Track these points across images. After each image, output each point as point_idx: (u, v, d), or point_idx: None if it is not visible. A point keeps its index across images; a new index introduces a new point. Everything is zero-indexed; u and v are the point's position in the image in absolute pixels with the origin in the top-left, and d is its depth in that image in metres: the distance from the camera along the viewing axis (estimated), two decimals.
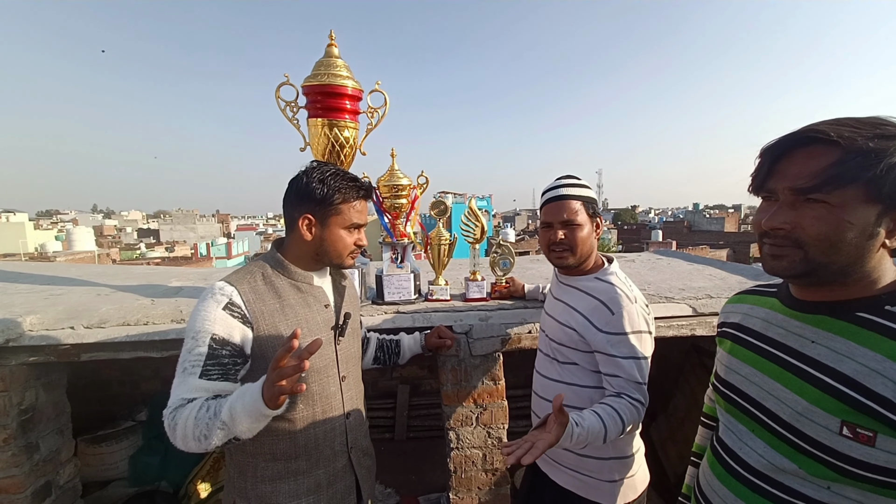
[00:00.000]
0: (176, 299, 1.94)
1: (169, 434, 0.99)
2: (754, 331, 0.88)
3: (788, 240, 0.73)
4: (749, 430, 0.84)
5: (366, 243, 1.24)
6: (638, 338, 1.17)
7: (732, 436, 0.88)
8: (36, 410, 1.70)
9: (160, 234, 50.35)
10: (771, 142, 0.76)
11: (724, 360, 0.94)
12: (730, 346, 0.93)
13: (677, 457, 2.51)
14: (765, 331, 0.86)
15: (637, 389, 1.15)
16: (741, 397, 0.86)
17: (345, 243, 1.18)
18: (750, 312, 0.92)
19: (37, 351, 1.59)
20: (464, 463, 1.81)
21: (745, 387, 0.85)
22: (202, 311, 1.05)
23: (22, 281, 2.38)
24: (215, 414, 0.95)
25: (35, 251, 22.83)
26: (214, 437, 0.95)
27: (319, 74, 1.66)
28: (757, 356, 0.85)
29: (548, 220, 1.29)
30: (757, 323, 0.88)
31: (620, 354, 1.16)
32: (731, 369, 0.90)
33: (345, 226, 1.17)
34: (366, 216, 1.23)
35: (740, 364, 0.88)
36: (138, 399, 2.80)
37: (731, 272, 2.43)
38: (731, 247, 27.06)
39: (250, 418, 0.93)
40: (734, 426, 0.88)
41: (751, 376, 0.85)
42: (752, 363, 0.85)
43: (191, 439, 0.96)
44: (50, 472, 1.75)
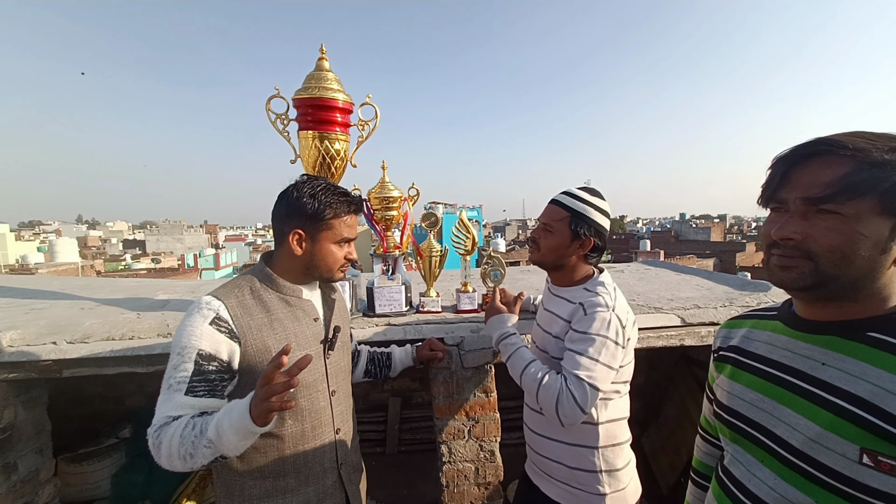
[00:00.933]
0: (163, 313, 1.91)
1: (153, 453, 0.96)
2: (757, 354, 0.84)
3: (798, 250, 0.71)
4: (758, 460, 0.79)
5: (356, 257, 1.24)
6: (601, 342, 1.15)
7: (740, 466, 0.82)
8: (15, 429, 1.64)
9: (146, 244, 49.57)
10: (784, 151, 0.74)
11: (725, 386, 0.88)
12: (731, 370, 0.88)
13: (669, 467, 2.52)
14: (769, 354, 0.81)
15: (576, 383, 1.11)
16: (748, 424, 0.81)
17: (335, 258, 1.18)
18: (750, 336, 0.88)
19: (17, 367, 1.55)
20: (456, 477, 1.79)
21: (752, 413, 0.80)
22: (188, 327, 1.03)
23: (2, 294, 2.32)
24: (201, 432, 0.93)
25: (16, 263, 22.28)
26: (200, 456, 0.93)
27: (310, 87, 1.67)
28: (762, 381, 0.80)
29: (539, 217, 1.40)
30: (760, 346, 0.84)
31: (576, 349, 1.16)
32: (735, 395, 0.85)
33: (335, 240, 1.17)
34: (356, 230, 1.23)
35: (744, 389, 0.83)
36: (122, 415, 2.72)
37: (718, 282, 2.47)
38: (717, 256, 27.50)
39: (238, 436, 0.91)
40: (741, 455, 0.83)
41: (757, 402, 0.80)
42: (757, 388, 0.81)
43: (176, 458, 0.94)
44: (28, 493, 1.69)
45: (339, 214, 1.16)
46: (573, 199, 1.30)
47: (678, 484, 2.42)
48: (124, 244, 54.64)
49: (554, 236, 1.29)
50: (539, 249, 1.34)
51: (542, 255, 1.35)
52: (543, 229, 1.34)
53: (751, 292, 2.17)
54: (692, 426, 2.40)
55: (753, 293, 2.14)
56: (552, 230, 1.30)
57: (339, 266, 1.20)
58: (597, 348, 1.15)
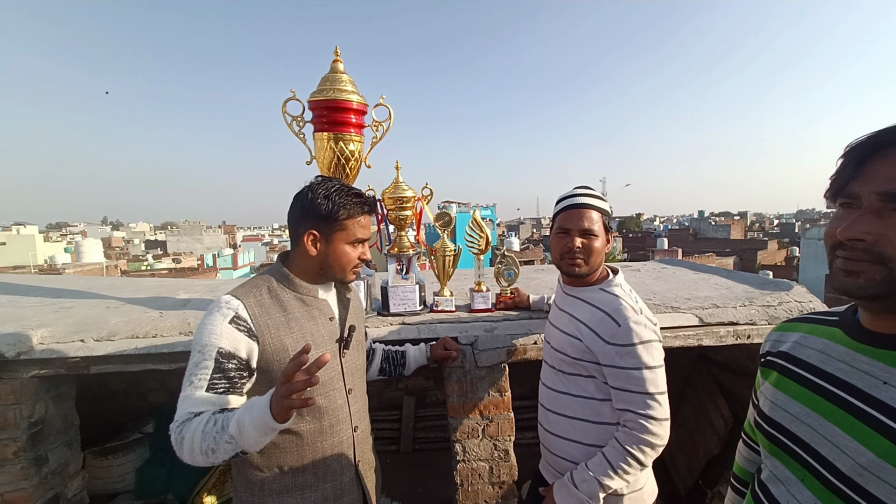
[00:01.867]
0: (184, 311, 1.96)
1: (175, 448, 0.99)
2: (808, 363, 0.76)
3: (869, 253, 0.63)
4: (798, 479, 0.72)
5: (369, 257, 1.26)
6: (646, 347, 1.16)
7: (778, 484, 0.76)
8: (45, 423, 1.71)
9: (167, 245, 50.82)
10: (859, 139, 0.66)
11: (768, 395, 0.82)
12: (776, 378, 0.82)
13: (686, 469, 2.48)
14: (822, 364, 0.74)
15: (647, 402, 1.15)
16: (789, 439, 0.74)
17: (349, 258, 1.20)
18: (803, 342, 0.81)
19: (47, 364, 1.61)
20: (470, 476, 1.80)
21: (795, 427, 0.74)
22: (208, 325, 1.06)
23: (32, 294, 2.41)
24: (223, 427, 0.95)
25: (44, 263, 23.11)
26: (221, 451, 0.95)
27: (325, 90, 1.69)
28: (811, 393, 0.73)
29: (566, 226, 1.28)
30: (812, 354, 0.77)
31: (630, 366, 1.16)
32: (778, 405, 0.78)
33: (349, 241, 1.18)
34: (370, 231, 1.25)
35: (789, 401, 0.77)
36: (145, 411, 2.80)
37: (738, 281, 2.42)
38: (737, 254, 26.88)
39: (258, 432, 0.93)
40: (780, 472, 0.77)
41: (802, 416, 0.73)
42: (804, 401, 0.74)
43: (198, 453, 0.96)
44: (58, 484, 1.76)
45: (352, 215, 1.17)
46: (596, 198, 1.30)
47: (696, 486, 2.38)
48: (146, 244, 56.14)
49: (598, 239, 1.27)
50: (589, 258, 1.26)
51: (592, 264, 1.27)
52: (587, 235, 1.26)
53: (772, 291, 2.12)
54: (710, 428, 2.36)
55: (775, 292, 2.09)
56: (596, 233, 1.26)
57: (353, 266, 1.22)
58: (650, 356, 1.17)
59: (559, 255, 1.31)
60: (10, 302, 2.20)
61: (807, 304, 1.96)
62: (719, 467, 2.27)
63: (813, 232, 25.10)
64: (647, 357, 1.16)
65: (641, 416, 1.14)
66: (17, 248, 27.05)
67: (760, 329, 1.85)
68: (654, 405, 1.15)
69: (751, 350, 2.17)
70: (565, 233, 1.28)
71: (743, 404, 2.30)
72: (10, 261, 24.45)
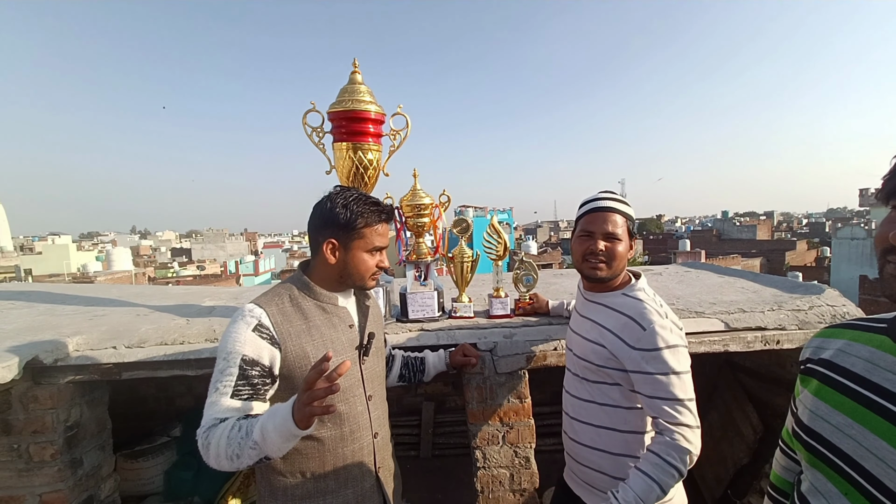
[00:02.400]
0: (209, 319, 2.02)
1: (202, 453, 1.02)
2: (853, 372, 0.73)
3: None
4: (841, 493, 0.70)
5: (388, 265, 1.27)
6: (673, 352, 1.14)
7: (820, 498, 0.74)
8: (80, 427, 1.78)
9: (192, 252, 52.28)
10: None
11: (808, 404, 0.79)
12: (816, 386, 0.79)
13: (714, 479, 2.40)
14: (868, 374, 0.71)
15: (678, 408, 1.12)
16: (831, 451, 0.72)
17: (367, 266, 1.21)
18: (847, 349, 0.77)
19: (82, 370, 1.68)
20: (491, 483, 1.79)
21: (837, 439, 0.71)
22: (233, 333, 1.09)
23: (68, 302, 2.52)
24: (247, 434, 0.97)
25: (77, 271, 24.07)
26: (246, 457, 0.97)
27: (344, 101, 1.72)
28: (855, 404, 0.70)
29: (589, 229, 1.28)
30: (857, 363, 0.74)
31: (657, 371, 1.14)
32: (818, 415, 0.76)
33: (367, 249, 1.20)
34: (387, 239, 1.26)
35: (830, 411, 0.74)
36: (173, 415, 2.88)
37: (765, 284, 2.35)
38: (764, 255, 26.04)
39: (281, 438, 0.95)
40: (822, 485, 0.74)
41: (845, 427, 0.71)
42: (847, 411, 0.71)
43: (223, 458, 0.99)
44: (92, 486, 1.82)
45: (370, 224, 1.19)
46: (621, 202, 1.29)
47: (724, 496, 2.31)
48: (172, 252, 57.89)
49: (622, 243, 1.26)
50: (611, 262, 1.25)
51: (615, 268, 1.26)
52: (611, 238, 1.25)
53: (802, 295, 2.05)
54: (738, 436, 2.29)
55: (805, 296, 2.02)
56: (620, 237, 1.26)
57: (371, 274, 1.23)
58: (677, 361, 1.14)
59: (581, 257, 1.30)
60: (48, 310, 2.31)
61: (840, 307, 1.89)
62: (749, 477, 2.20)
63: (845, 231, 24.09)
64: (673, 362, 1.14)
65: (675, 425, 1.12)
66: (52, 257, 28.28)
67: (790, 334, 1.79)
68: (686, 412, 1.12)
69: (780, 356, 2.10)
70: (588, 235, 1.28)
71: (773, 412, 2.22)
72: (47, 269, 25.56)
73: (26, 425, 1.65)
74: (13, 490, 1.67)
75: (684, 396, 1.13)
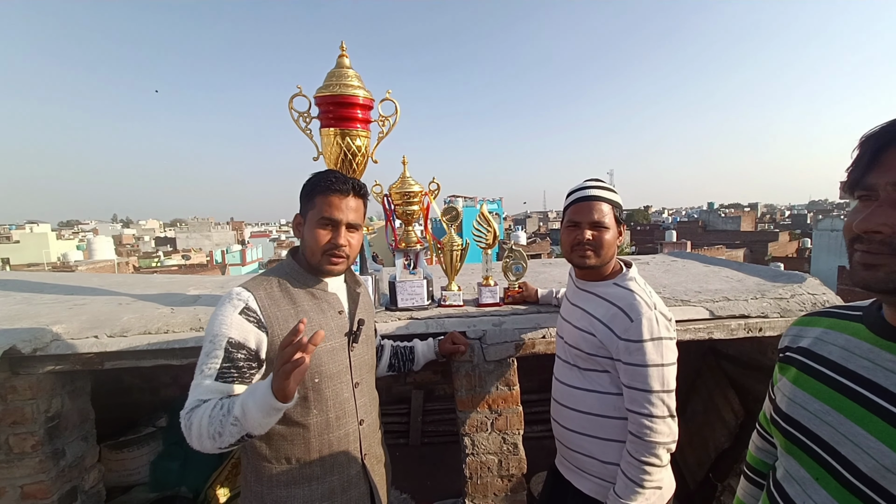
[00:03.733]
0: (195, 308, 1.98)
1: (185, 434, 1.01)
2: (829, 360, 0.75)
3: (887, 246, 0.62)
4: (813, 479, 0.71)
5: (344, 244, 1.17)
6: (656, 344, 1.15)
7: (793, 484, 0.75)
8: (62, 417, 1.74)
9: (177, 241, 51.34)
10: (874, 129, 0.64)
11: (786, 391, 0.80)
12: (795, 374, 0.80)
13: (696, 463, 2.47)
14: (844, 361, 0.72)
15: (649, 399, 1.14)
16: (808, 437, 0.73)
17: (316, 240, 1.16)
18: (824, 337, 0.78)
19: (62, 360, 1.64)
20: (479, 469, 1.81)
21: (814, 426, 0.72)
22: (219, 316, 1.08)
23: (46, 291, 2.45)
24: (228, 411, 0.97)
25: (57, 261, 23.48)
26: (227, 434, 0.97)
27: (331, 85, 1.68)
28: (832, 391, 0.71)
29: (576, 219, 1.27)
30: (834, 351, 0.75)
31: (636, 362, 1.15)
32: (796, 403, 0.77)
33: (318, 219, 1.16)
34: (344, 213, 1.17)
35: (808, 398, 0.75)
36: (158, 405, 2.85)
37: (749, 273, 2.39)
38: (747, 246, 26.57)
39: (261, 412, 0.95)
40: (796, 472, 0.75)
41: (822, 414, 0.72)
42: (824, 398, 0.72)
43: (206, 438, 0.98)
44: (76, 477, 1.79)
45: (323, 192, 1.16)
46: (607, 190, 1.29)
47: (706, 479, 2.37)
48: (156, 241, 56.77)
49: (609, 231, 1.26)
50: (599, 250, 1.25)
51: (604, 256, 1.26)
52: (597, 227, 1.25)
53: (784, 284, 2.09)
54: (720, 421, 2.35)
55: (787, 284, 2.06)
56: (607, 225, 1.25)
57: (324, 251, 1.16)
58: (659, 353, 1.15)
59: (569, 247, 1.30)
60: (25, 299, 2.24)
61: (820, 296, 1.93)
62: (730, 460, 2.26)
63: (825, 223, 24.65)
64: (654, 354, 1.15)
65: (642, 416, 1.14)
66: (30, 246, 27.51)
67: (772, 322, 1.83)
68: (656, 402, 1.14)
69: (762, 343, 2.15)
70: (575, 226, 1.28)
71: (754, 398, 2.28)
72: (25, 258, 24.89)
73: (4, 416, 1.61)
74: None
75: (659, 388, 1.14)
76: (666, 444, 1.15)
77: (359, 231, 1.23)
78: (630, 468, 1.16)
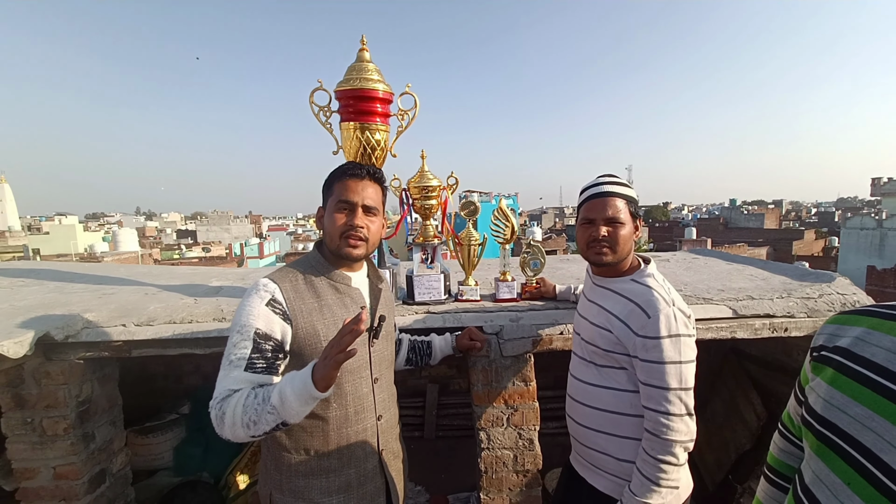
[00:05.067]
0: (217, 298, 2.03)
1: (216, 424, 1.02)
2: (873, 362, 0.71)
3: None
4: (844, 483, 0.69)
5: (361, 225, 1.17)
6: (674, 341, 1.13)
7: (824, 490, 0.73)
8: (92, 402, 1.81)
9: (197, 234, 52.50)
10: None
11: (822, 393, 0.77)
12: (832, 375, 0.77)
13: (715, 464, 2.43)
14: (891, 365, 0.69)
15: (666, 397, 1.12)
16: (847, 442, 0.70)
17: (335, 223, 1.17)
18: (867, 338, 0.75)
19: (92, 347, 1.70)
20: (494, 463, 1.81)
21: (855, 431, 0.70)
22: (247, 307, 1.10)
23: (77, 280, 2.54)
24: (265, 399, 0.99)
25: (84, 252, 24.30)
26: (263, 423, 0.98)
27: (351, 79, 1.69)
28: (876, 395, 0.69)
29: (590, 216, 1.26)
30: (878, 353, 0.71)
31: (654, 359, 1.14)
32: (834, 406, 0.74)
33: (336, 203, 1.18)
34: (360, 196, 1.17)
35: (848, 402, 0.72)
36: (181, 393, 2.93)
37: (775, 272, 2.33)
38: (771, 244, 25.83)
39: (299, 401, 0.97)
40: (827, 477, 0.73)
41: (864, 419, 0.69)
42: (867, 403, 0.69)
43: (239, 427, 1.00)
44: (104, 460, 1.86)
45: (340, 178, 1.19)
46: (621, 185, 1.27)
47: (725, 481, 2.33)
48: (177, 234, 58.15)
49: (624, 226, 1.24)
50: (615, 246, 1.24)
51: (620, 252, 1.25)
52: (612, 223, 1.24)
53: (812, 283, 2.02)
54: (741, 423, 2.30)
55: (815, 284, 2.00)
56: (622, 221, 1.24)
57: (341, 232, 1.16)
58: (677, 351, 1.13)
59: (585, 244, 1.29)
60: (57, 288, 2.33)
61: (850, 296, 1.87)
62: (751, 462, 2.22)
63: (854, 221, 23.73)
64: (672, 351, 1.13)
65: (659, 414, 1.13)
66: (59, 237, 28.51)
67: (799, 322, 1.78)
68: (674, 400, 1.12)
69: (787, 344, 2.09)
70: (590, 223, 1.27)
71: (777, 399, 2.22)
72: (54, 249, 25.80)
73: (39, 400, 1.68)
74: (27, 462, 1.71)
75: (677, 386, 1.12)
76: (683, 443, 1.13)
77: (378, 216, 1.23)
78: (646, 466, 1.15)
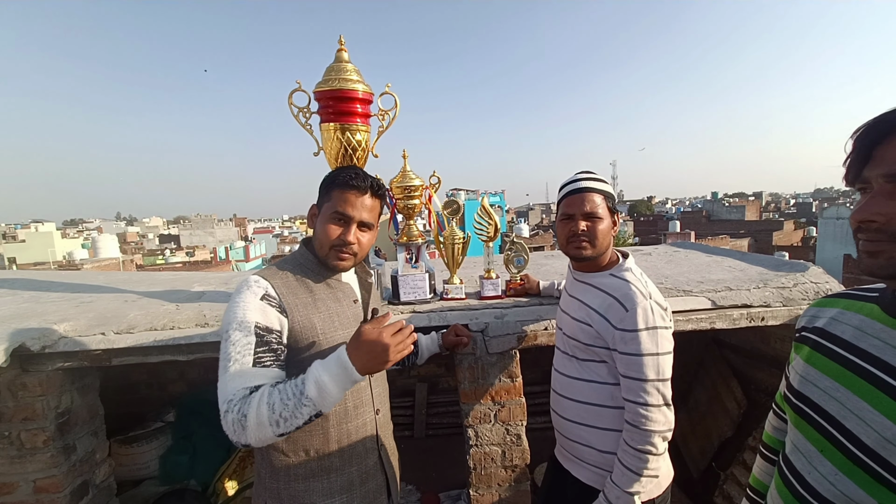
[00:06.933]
0: (199, 304, 2.00)
1: (233, 429, 0.93)
2: (842, 339, 0.77)
3: (885, 234, 0.65)
4: (818, 451, 0.75)
5: (353, 241, 1.15)
6: (651, 334, 1.16)
7: (801, 457, 0.79)
8: (72, 413, 1.77)
9: (180, 239, 51.54)
10: (865, 124, 0.68)
11: (799, 369, 0.84)
12: (808, 353, 0.83)
13: (699, 451, 2.48)
14: (856, 340, 0.75)
15: (644, 388, 1.15)
16: (817, 412, 0.76)
17: (327, 233, 1.15)
18: (839, 318, 0.81)
19: (71, 357, 1.66)
20: (483, 460, 1.83)
21: (823, 401, 0.76)
22: (241, 303, 1.05)
23: (53, 289, 2.48)
24: (299, 393, 0.93)
25: (63, 259, 23.64)
26: (297, 417, 0.93)
27: (330, 80, 1.68)
28: (842, 368, 0.75)
29: (569, 211, 1.29)
30: (847, 330, 0.78)
31: (632, 351, 1.16)
32: (808, 380, 0.80)
33: (331, 212, 1.15)
34: (358, 211, 1.16)
35: (819, 375, 0.78)
36: (165, 400, 2.88)
37: (752, 263, 2.39)
38: (752, 236, 26.40)
39: (339, 388, 0.95)
40: (803, 445, 0.79)
41: (831, 390, 0.75)
42: (834, 375, 0.75)
43: (267, 426, 0.92)
44: (86, 471, 1.83)
45: (341, 187, 1.15)
46: (598, 181, 1.30)
47: (709, 468, 2.39)
48: (160, 239, 57.01)
49: (603, 221, 1.27)
50: (594, 241, 1.26)
51: (599, 247, 1.27)
52: (591, 218, 1.26)
53: (787, 273, 2.08)
54: (723, 411, 2.36)
55: (790, 273, 2.06)
56: (600, 215, 1.26)
57: (332, 245, 1.15)
58: (654, 343, 1.16)
59: (565, 240, 1.31)
60: (32, 298, 2.27)
61: (823, 284, 1.93)
62: (733, 449, 2.27)
63: (830, 211, 24.40)
64: (649, 343, 1.15)
65: (638, 405, 1.15)
66: (36, 245, 27.71)
67: (775, 311, 1.83)
68: (651, 391, 1.15)
69: (765, 332, 2.15)
70: (569, 218, 1.29)
71: (756, 387, 2.29)
72: (31, 257, 25.07)
73: (16, 413, 1.64)
74: (6, 477, 1.66)
75: (655, 377, 1.15)
76: (661, 433, 1.15)
77: (371, 231, 1.22)
78: (626, 456, 1.17)
